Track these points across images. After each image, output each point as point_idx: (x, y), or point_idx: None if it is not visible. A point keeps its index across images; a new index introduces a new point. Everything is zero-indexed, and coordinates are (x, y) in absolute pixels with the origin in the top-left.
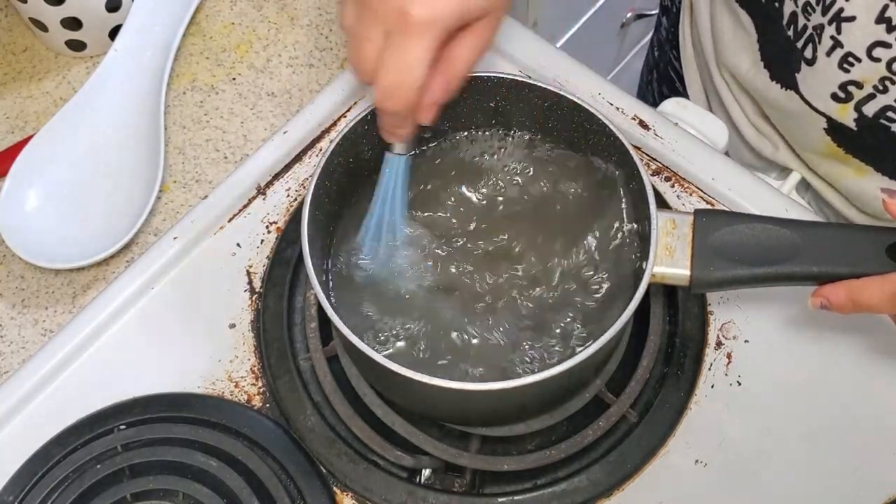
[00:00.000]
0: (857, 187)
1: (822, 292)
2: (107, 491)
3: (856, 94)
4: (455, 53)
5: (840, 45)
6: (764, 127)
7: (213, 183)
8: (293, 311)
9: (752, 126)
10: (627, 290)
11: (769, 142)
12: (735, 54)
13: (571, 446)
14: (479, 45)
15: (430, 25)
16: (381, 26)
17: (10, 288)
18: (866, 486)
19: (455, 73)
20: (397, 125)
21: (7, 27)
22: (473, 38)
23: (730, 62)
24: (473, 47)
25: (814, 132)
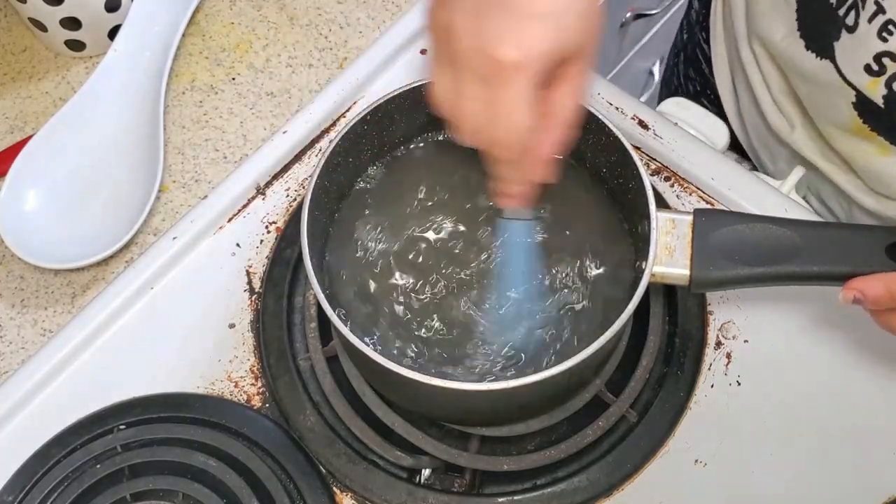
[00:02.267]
0: (878, 165)
1: (856, 285)
2: (106, 491)
3: (889, 67)
4: (556, 102)
5: (882, 11)
6: (785, 105)
7: (213, 183)
8: (293, 311)
9: (774, 104)
10: (627, 290)
11: (787, 122)
12: (770, 24)
13: (571, 446)
14: (577, 89)
15: (523, 66)
16: (479, 80)
17: (9, 288)
18: (866, 486)
19: (560, 122)
20: (514, 180)
21: (6, 27)
22: (570, 84)
23: (763, 32)
24: (572, 93)
25: (842, 106)
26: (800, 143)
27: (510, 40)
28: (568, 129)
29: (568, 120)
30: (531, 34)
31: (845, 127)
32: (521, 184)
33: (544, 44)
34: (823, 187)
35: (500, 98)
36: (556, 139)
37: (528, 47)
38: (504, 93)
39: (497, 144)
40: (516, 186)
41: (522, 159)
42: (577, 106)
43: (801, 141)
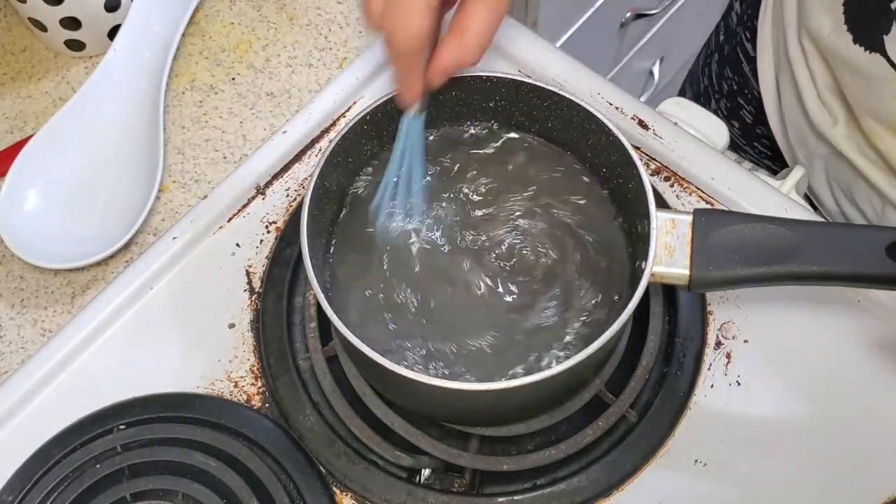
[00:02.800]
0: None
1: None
2: (106, 491)
3: None
4: (468, 21)
5: None
6: (830, 100)
7: (213, 183)
8: (293, 311)
9: (818, 99)
10: (626, 290)
11: (831, 116)
12: (818, 17)
13: (571, 446)
14: (490, 14)
15: None
16: None
17: (9, 288)
18: (866, 486)
19: (468, 42)
20: (407, 80)
21: (6, 27)
22: (483, 6)
23: (812, 26)
24: (485, 16)
25: (888, 100)
26: (840, 139)
27: None
28: (473, 50)
29: (473, 39)
30: None
31: (890, 122)
32: (414, 86)
33: None
34: (857, 185)
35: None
36: (459, 56)
37: None
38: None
39: (390, 39)
40: (410, 87)
41: (415, 59)
42: (488, 28)
43: (841, 136)
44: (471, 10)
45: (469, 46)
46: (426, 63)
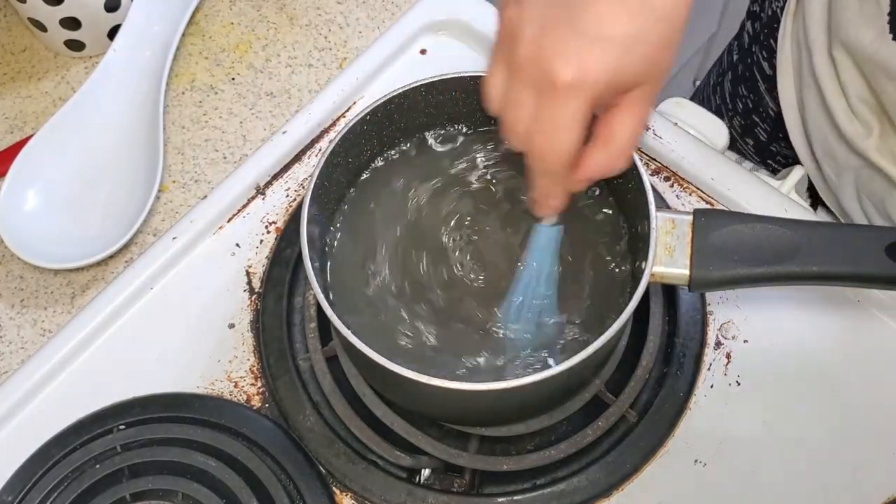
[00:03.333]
0: None
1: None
2: (106, 491)
3: None
4: (614, 129)
5: None
6: (863, 112)
7: (213, 183)
8: (292, 312)
9: (849, 111)
10: (626, 290)
11: (863, 128)
12: (857, 28)
13: (571, 446)
14: (634, 120)
15: (578, 89)
16: (531, 89)
17: (9, 288)
18: (866, 486)
19: (614, 150)
20: (550, 193)
21: (6, 27)
22: (628, 113)
23: (850, 37)
24: (629, 122)
25: None
26: (873, 150)
27: (570, 60)
28: (620, 157)
29: (621, 148)
30: (593, 58)
31: None
32: (557, 197)
33: (605, 71)
34: (891, 197)
35: (549, 114)
36: (606, 164)
37: (587, 70)
38: (553, 110)
39: (538, 157)
40: (552, 199)
41: (563, 175)
42: (634, 135)
43: (874, 147)
44: (617, 118)
45: (616, 154)
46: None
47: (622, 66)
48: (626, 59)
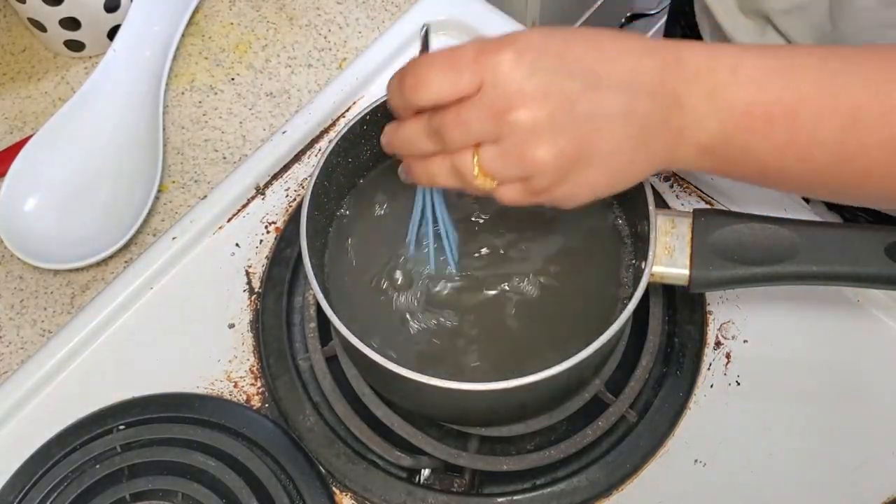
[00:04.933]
0: None
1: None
2: (106, 491)
3: None
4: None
5: None
6: None
7: (212, 183)
8: (292, 312)
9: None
10: (626, 290)
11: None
12: None
13: (571, 446)
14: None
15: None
16: (516, 168)
17: (8, 288)
18: (866, 485)
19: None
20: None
21: (6, 27)
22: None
23: None
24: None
25: None
26: None
27: (574, 198)
28: (421, 177)
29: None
30: (591, 194)
31: None
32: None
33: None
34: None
35: (472, 185)
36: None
37: (577, 200)
38: (480, 187)
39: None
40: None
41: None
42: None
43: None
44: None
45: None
46: None
47: (563, 193)
48: (571, 193)
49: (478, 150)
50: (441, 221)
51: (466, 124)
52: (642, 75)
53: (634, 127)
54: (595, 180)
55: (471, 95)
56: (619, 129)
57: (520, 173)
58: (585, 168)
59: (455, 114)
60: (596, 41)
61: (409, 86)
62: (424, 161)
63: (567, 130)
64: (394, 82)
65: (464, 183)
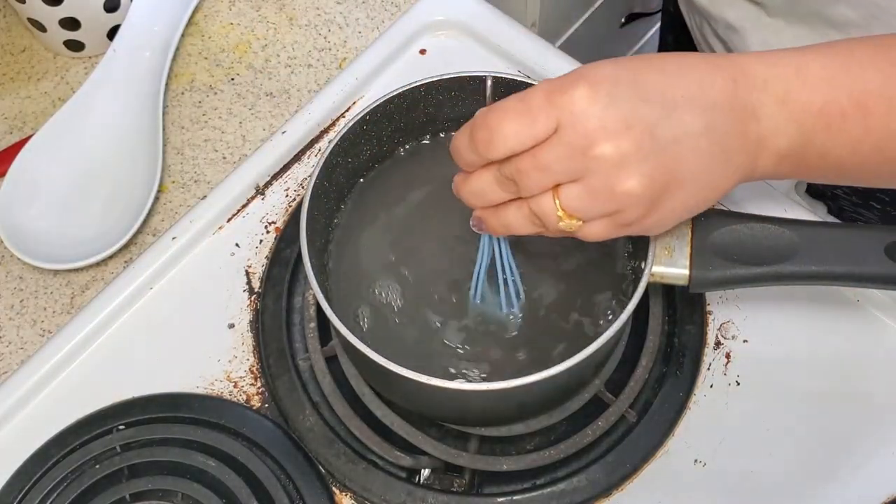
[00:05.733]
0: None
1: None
2: (106, 491)
3: None
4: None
5: None
6: None
7: (212, 183)
8: (292, 312)
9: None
10: (626, 290)
11: None
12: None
13: (570, 446)
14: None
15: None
16: (606, 204)
17: (8, 288)
18: (866, 485)
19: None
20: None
21: (5, 27)
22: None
23: None
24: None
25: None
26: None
27: (664, 224)
28: (497, 227)
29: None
30: (680, 217)
31: None
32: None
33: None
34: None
35: (555, 228)
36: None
37: (666, 226)
38: (565, 229)
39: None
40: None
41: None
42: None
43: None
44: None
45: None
46: None
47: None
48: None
49: (558, 192)
50: (508, 267)
51: (547, 167)
52: (715, 92)
53: (717, 143)
54: (684, 203)
55: (548, 138)
56: (704, 147)
57: (610, 209)
58: (675, 192)
59: (532, 158)
60: (660, 65)
61: (482, 140)
62: (497, 210)
63: (653, 157)
64: (463, 138)
65: (546, 227)
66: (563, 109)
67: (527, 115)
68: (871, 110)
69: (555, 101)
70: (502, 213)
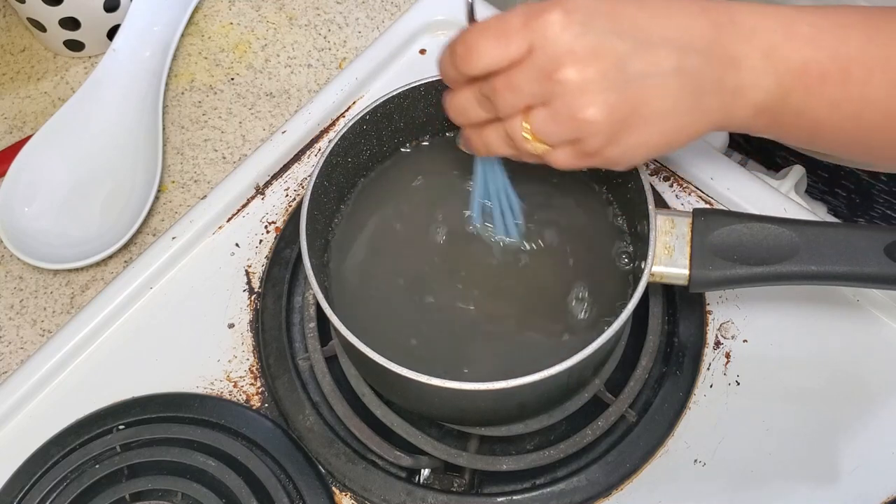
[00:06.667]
0: None
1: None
2: (105, 491)
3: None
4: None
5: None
6: None
7: (212, 183)
8: (292, 311)
9: None
10: (626, 290)
11: None
12: None
13: (570, 446)
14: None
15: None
16: (567, 129)
17: (8, 288)
18: (866, 486)
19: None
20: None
21: (5, 27)
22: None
23: None
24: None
25: None
26: None
27: (628, 159)
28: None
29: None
30: (645, 154)
31: None
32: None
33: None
34: None
35: (525, 150)
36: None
37: (632, 161)
38: (533, 152)
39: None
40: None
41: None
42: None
43: None
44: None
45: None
46: None
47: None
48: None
49: (527, 115)
50: (504, 194)
51: (516, 88)
52: (695, 34)
53: (688, 85)
54: (649, 139)
55: (522, 60)
56: (673, 87)
57: (571, 134)
58: (639, 127)
59: (505, 78)
60: (644, 1)
61: (460, 55)
62: (480, 130)
63: (618, 88)
64: (445, 54)
65: (516, 149)
66: (536, 33)
67: (503, 36)
68: (851, 75)
69: (530, 24)
70: (483, 133)
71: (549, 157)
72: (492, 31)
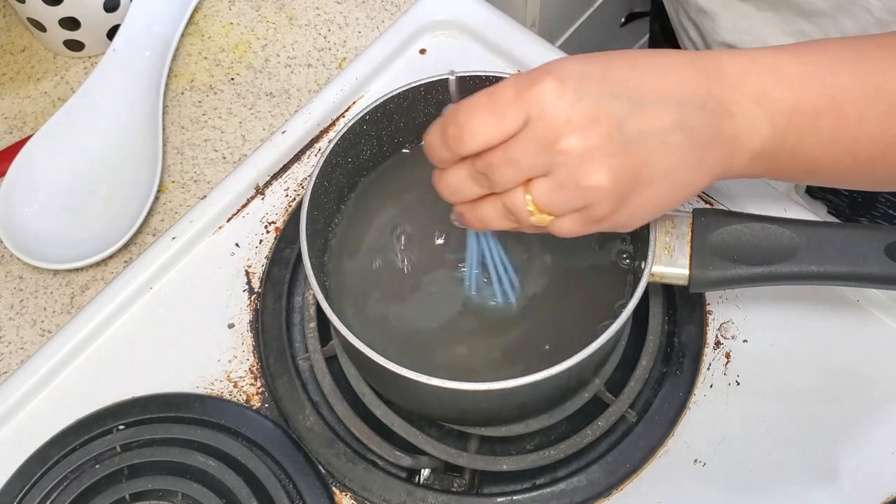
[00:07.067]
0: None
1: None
2: (105, 491)
3: None
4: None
5: None
6: None
7: (212, 183)
8: (292, 311)
9: None
10: (626, 290)
11: None
12: None
13: (570, 446)
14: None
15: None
16: (574, 198)
17: (8, 288)
18: (866, 485)
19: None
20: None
21: (5, 27)
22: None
23: None
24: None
25: None
26: None
27: (635, 220)
28: (472, 220)
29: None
30: (652, 214)
31: None
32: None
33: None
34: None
35: (527, 223)
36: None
37: (638, 222)
38: (537, 224)
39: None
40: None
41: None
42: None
43: None
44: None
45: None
46: None
47: (623, 219)
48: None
49: (529, 187)
50: (499, 261)
51: (515, 162)
52: (688, 89)
53: (689, 140)
54: (654, 199)
55: (517, 133)
56: (674, 143)
57: (578, 203)
58: (645, 188)
59: (502, 153)
60: (633, 61)
61: (452, 136)
62: (474, 206)
63: (620, 151)
64: (434, 135)
65: (519, 222)
66: (531, 104)
67: (495, 111)
68: (844, 111)
69: (523, 96)
70: (478, 209)
71: (554, 227)
72: (483, 108)
